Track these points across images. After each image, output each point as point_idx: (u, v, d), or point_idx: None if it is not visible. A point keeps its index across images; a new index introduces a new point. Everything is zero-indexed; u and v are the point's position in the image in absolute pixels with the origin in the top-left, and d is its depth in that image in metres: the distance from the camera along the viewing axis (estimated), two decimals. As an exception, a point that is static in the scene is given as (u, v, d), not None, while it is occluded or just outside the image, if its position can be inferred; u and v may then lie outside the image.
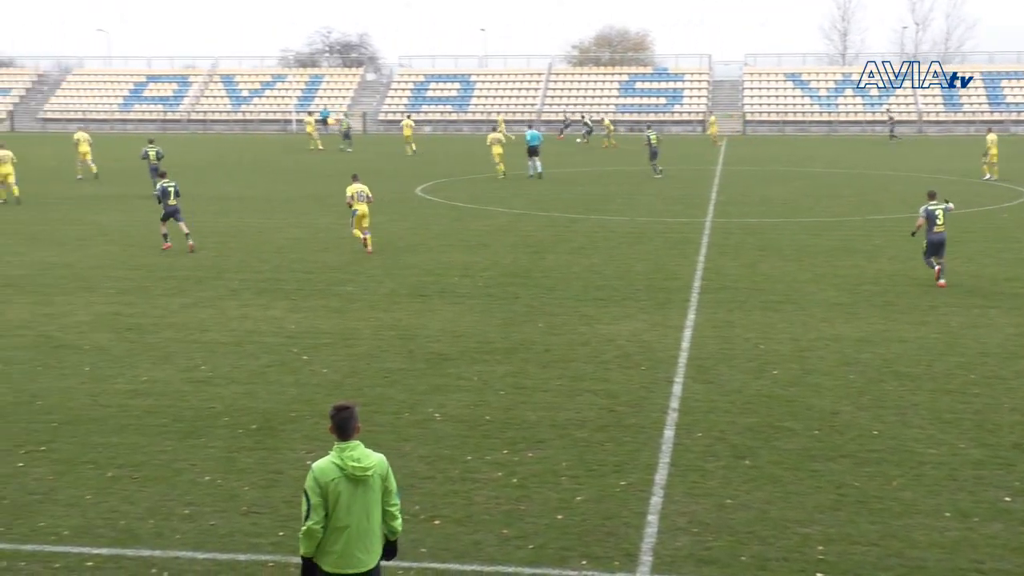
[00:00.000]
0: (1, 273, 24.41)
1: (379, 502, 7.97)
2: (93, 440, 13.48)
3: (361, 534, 7.85)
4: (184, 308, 20.86)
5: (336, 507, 7.75)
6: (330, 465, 7.79)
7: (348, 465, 7.77)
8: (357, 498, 7.81)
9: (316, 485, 7.74)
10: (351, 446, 7.85)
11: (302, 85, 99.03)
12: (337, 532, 7.79)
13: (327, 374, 16.38)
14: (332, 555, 7.84)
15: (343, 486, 7.76)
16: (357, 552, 7.85)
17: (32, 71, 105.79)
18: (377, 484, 7.93)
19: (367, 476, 7.84)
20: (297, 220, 33.48)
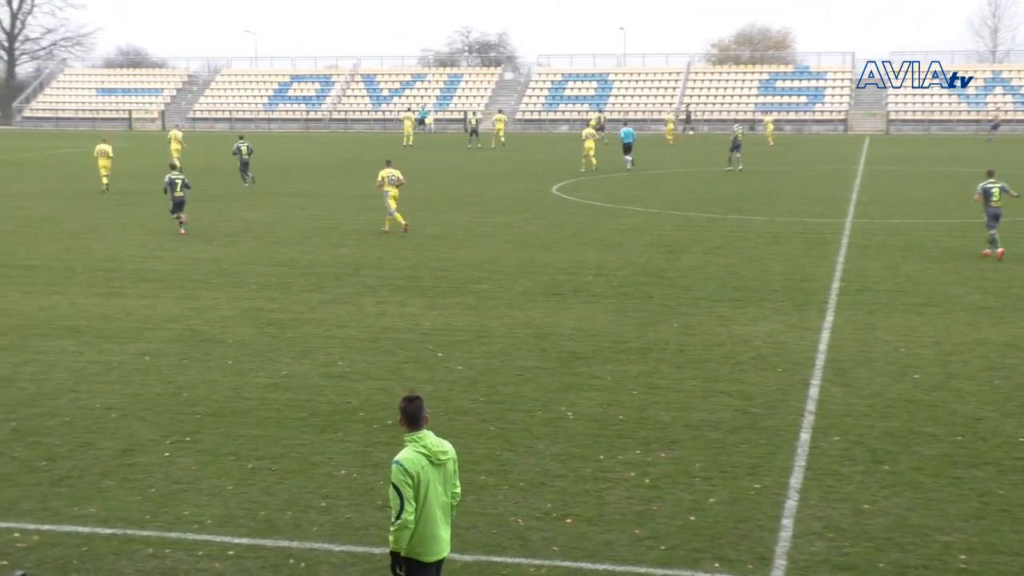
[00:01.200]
0: (151, 268, 25.25)
1: (451, 485, 8.30)
2: (235, 432, 13.84)
3: (444, 515, 8.22)
4: (323, 304, 21.28)
5: (427, 494, 8.05)
6: (415, 455, 8.04)
7: (432, 451, 8.08)
8: (439, 482, 8.15)
9: (407, 477, 7.97)
10: (425, 435, 8.13)
11: (441, 84, 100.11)
12: (429, 518, 8.07)
13: (462, 371, 16.52)
14: (428, 541, 8.09)
15: (429, 472, 8.06)
16: (442, 533, 8.18)
17: (183, 72, 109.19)
18: (451, 467, 8.26)
19: (448, 460, 8.19)
20: (435, 218, 33.84)
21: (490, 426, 13.97)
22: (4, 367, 16.79)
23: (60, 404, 14.99)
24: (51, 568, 10.05)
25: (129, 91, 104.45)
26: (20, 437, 13.62)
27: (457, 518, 11.02)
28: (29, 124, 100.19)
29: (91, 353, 17.65)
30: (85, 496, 11.75)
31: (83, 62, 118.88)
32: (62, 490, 11.94)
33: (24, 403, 15.02)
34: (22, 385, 15.87)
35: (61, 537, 10.74)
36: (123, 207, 37.01)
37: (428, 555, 8.13)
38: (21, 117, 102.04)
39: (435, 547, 8.15)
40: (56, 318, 20.15)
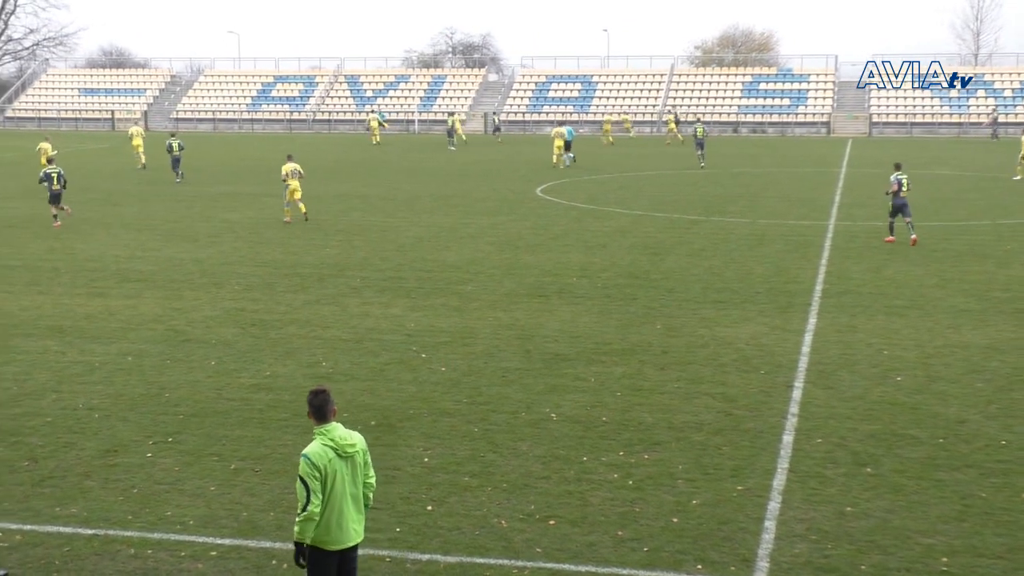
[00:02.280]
0: (135, 268, 25.18)
1: (361, 475, 8.52)
2: (218, 432, 13.82)
3: (354, 506, 8.43)
4: (307, 305, 21.25)
5: (333, 486, 8.26)
6: (322, 448, 8.28)
7: (339, 444, 8.31)
8: (348, 473, 8.36)
9: (314, 469, 8.19)
10: (333, 427, 8.37)
11: (425, 86, 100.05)
12: (334, 509, 8.29)
13: (445, 372, 16.53)
14: (333, 530, 8.32)
15: (337, 465, 8.28)
16: (353, 524, 8.42)
17: (166, 72, 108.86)
18: (360, 459, 8.49)
19: (355, 452, 8.42)
20: (418, 219, 33.83)
21: (474, 427, 13.98)
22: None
23: (42, 404, 14.94)
24: (33, 568, 10.02)
25: (112, 91, 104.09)
26: (2, 437, 13.56)
27: (440, 519, 11.09)
28: (11, 124, 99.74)
29: (74, 353, 17.60)
30: (67, 496, 11.72)
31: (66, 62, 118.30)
32: (44, 490, 11.90)
33: (6, 403, 14.96)
34: (4, 385, 15.81)
35: (43, 537, 10.70)
36: (107, 207, 36.89)
37: (331, 543, 8.35)
38: (3, 117, 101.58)
39: (340, 536, 8.36)
40: (39, 318, 20.08)
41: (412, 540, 10.67)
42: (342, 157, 61.94)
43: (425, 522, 11.08)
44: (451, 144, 69.33)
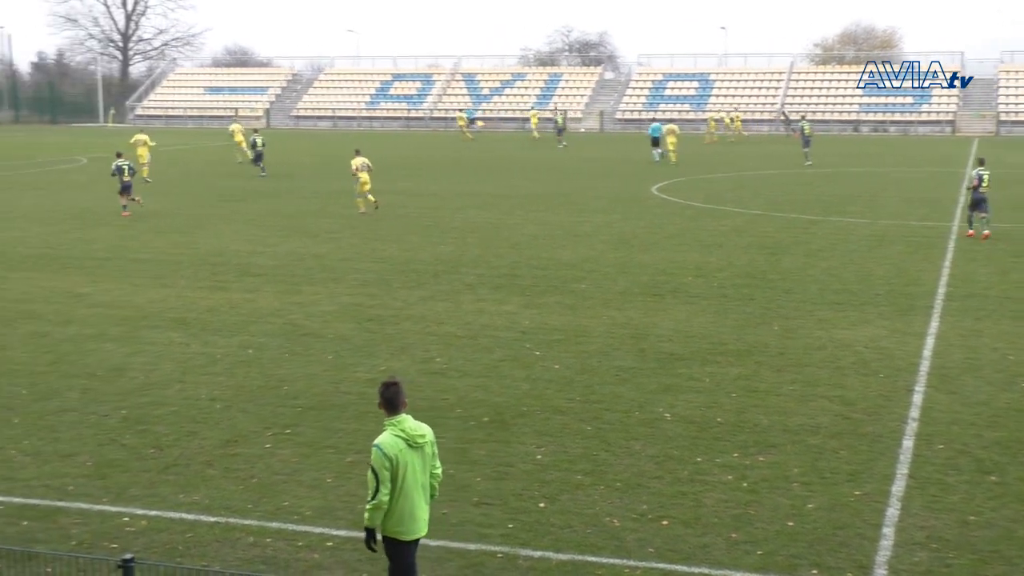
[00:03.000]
0: (255, 263, 25.72)
1: (430, 466, 8.66)
2: (334, 425, 14.05)
3: (423, 496, 8.60)
4: (422, 301, 21.47)
5: (404, 476, 8.40)
6: (393, 438, 8.42)
7: (410, 435, 8.46)
8: (418, 464, 8.51)
9: (385, 459, 8.35)
10: (403, 419, 8.50)
11: (541, 83, 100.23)
12: (408, 499, 8.44)
13: (559, 370, 16.55)
14: (407, 521, 8.48)
15: (408, 455, 8.43)
16: (420, 514, 8.57)
17: (287, 71, 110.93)
18: (429, 449, 8.62)
19: (425, 443, 8.55)
20: (535, 216, 33.92)
21: (587, 426, 13.98)
22: (116, 357, 17.26)
23: (168, 394, 15.36)
24: (158, 552, 10.31)
25: (235, 90, 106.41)
26: (130, 425, 13.99)
27: (552, 516, 11.12)
28: (141, 122, 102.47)
29: (197, 345, 18.05)
30: (191, 484, 12.03)
31: (192, 61, 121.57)
32: (169, 477, 12.24)
33: (134, 392, 15.42)
34: (132, 375, 16.30)
35: (168, 523, 11.01)
36: (229, 203, 37.73)
37: (406, 534, 8.53)
38: (133, 115, 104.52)
39: (413, 526, 8.53)
40: (164, 310, 20.64)
41: (524, 537, 10.72)
42: (458, 155, 62.38)
43: (537, 519, 11.12)
44: (560, 142, 69.17)
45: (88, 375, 16.28)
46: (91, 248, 27.87)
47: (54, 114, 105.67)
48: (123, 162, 34.52)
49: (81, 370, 16.55)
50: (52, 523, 11.03)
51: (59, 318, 19.94)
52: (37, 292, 22.24)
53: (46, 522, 11.05)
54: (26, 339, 18.42)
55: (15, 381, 15.96)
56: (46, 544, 10.45)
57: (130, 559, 6.79)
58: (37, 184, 44.10)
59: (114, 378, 16.13)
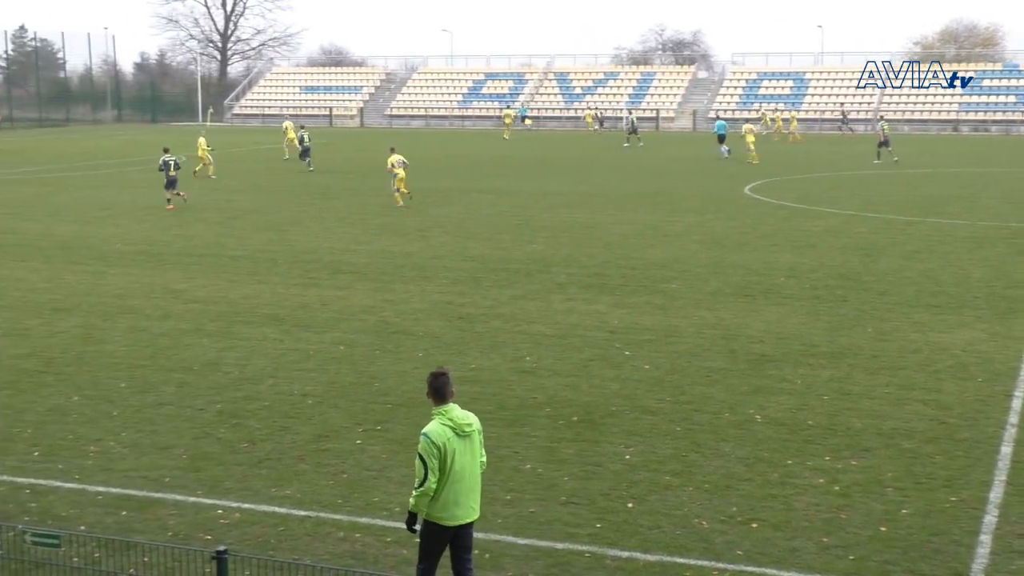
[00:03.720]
0: (347, 261, 26.00)
1: (478, 454, 8.83)
2: (424, 422, 14.08)
3: (472, 483, 8.77)
4: (512, 300, 21.52)
5: (452, 464, 8.58)
6: (441, 427, 8.63)
7: (457, 423, 8.67)
8: (465, 452, 8.69)
9: (433, 447, 8.54)
10: (450, 408, 8.74)
11: (634, 83, 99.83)
12: (453, 486, 8.62)
13: (648, 370, 16.48)
14: (451, 507, 8.65)
15: (455, 443, 8.61)
16: (471, 502, 8.77)
17: (381, 70, 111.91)
18: (476, 438, 8.81)
19: (472, 431, 8.76)
20: (625, 216, 33.81)
21: (676, 426, 13.90)
22: (211, 352, 17.58)
23: (261, 389, 15.60)
24: (251, 545, 10.48)
25: (330, 89, 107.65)
26: (224, 419, 14.25)
27: (640, 517, 11.08)
28: (238, 121, 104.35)
29: (290, 341, 18.30)
30: (282, 478, 12.21)
31: (289, 61, 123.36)
32: (261, 471, 12.43)
33: (228, 387, 15.69)
34: (227, 370, 16.59)
35: (260, 516, 11.18)
36: (323, 201, 38.19)
37: (448, 520, 8.70)
38: (231, 114, 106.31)
39: (457, 512, 8.70)
40: (258, 306, 20.96)
41: (612, 537, 10.69)
42: (549, 154, 62.41)
43: (625, 519, 11.08)
44: (628, 141, 69.15)
45: (184, 369, 16.61)
46: (188, 245, 28.42)
47: (154, 113, 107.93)
48: (169, 157, 36.08)
49: (177, 364, 16.89)
50: (149, 514, 11.28)
51: (157, 313, 20.37)
52: (136, 288, 22.74)
53: (143, 512, 11.30)
54: (125, 333, 18.85)
55: (115, 374, 16.35)
56: (143, 534, 10.69)
57: (223, 551, 6.91)
58: (137, 182, 45.08)
59: (209, 372, 16.43)
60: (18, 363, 16.65)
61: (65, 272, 24.49)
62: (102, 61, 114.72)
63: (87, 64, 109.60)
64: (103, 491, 11.87)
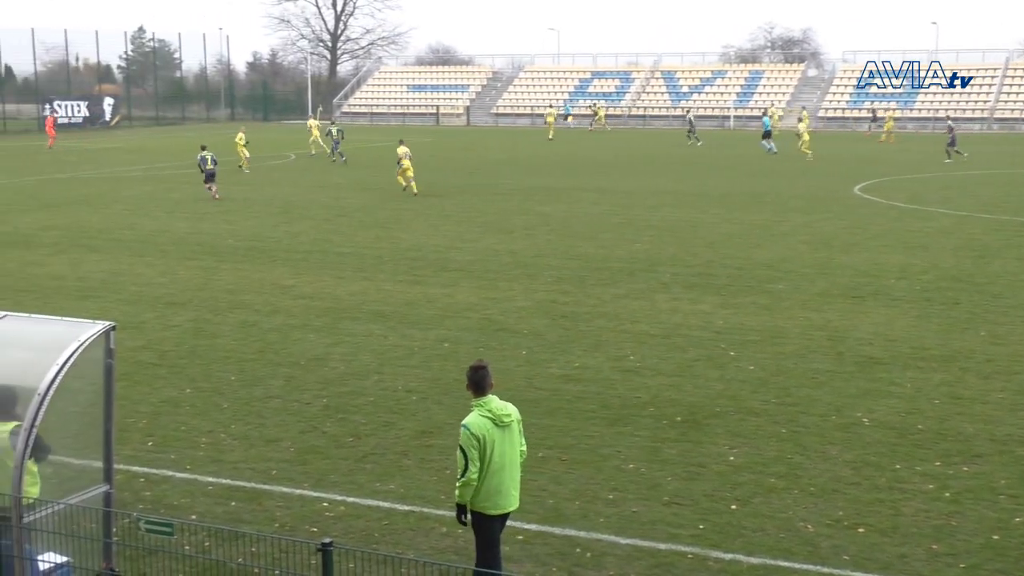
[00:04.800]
0: (452, 259, 26.18)
1: (517, 444, 9.11)
2: (527, 420, 14.06)
3: (513, 473, 9.02)
4: (616, 299, 21.46)
5: (492, 453, 8.84)
6: (480, 418, 8.90)
7: (496, 414, 8.91)
8: (505, 442, 8.95)
9: (473, 439, 8.80)
10: (489, 399, 9.00)
11: (741, 81, 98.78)
12: (495, 476, 8.89)
13: (753, 371, 16.31)
14: (494, 497, 8.93)
15: (495, 434, 8.87)
16: (512, 490, 9.04)
17: (488, 69, 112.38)
18: (515, 428, 9.08)
19: (511, 422, 9.01)
20: (730, 215, 33.48)
21: (781, 428, 13.73)
22: (318, 347, 17.86)
23: (366, 384, 15.80)
24: (355, 538, 10.63)
25: (437, 87, 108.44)
26: (331, 413, 14.46)
27: (744, 519, 10.98)
28: (347, 119, 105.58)
29: (395, 337, 18.49)
30: (386, 473, 12.35)
31: (397, 60, 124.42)
32: (366, 466, 12.59)
33: (335, 382, 15.92)
34: (333, 365, 16.84)
35: (364, 510, 11.33)
36: (428, 199, 38.49)
37: (493, 509, 8.97)
38: (340, 113, 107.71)
39: (500, 502, 8.98)
40: (364, 303, 21.23)
41: (714, 538, 10.61)
42: (656, 153, 62.08)
43: (728, 521, 10.99)
44: (692, 139, 68.65)
45: (292, 364, 16.89)
46: (296, 241, 28.89)
47: (266, 112, 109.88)
48: (206, 154, 38.40)
49: (285, 359, 17.19)
50: (257, 505, 11.51)
51: (266, 308, 20.75)
52: (246, 283, 23.19)
53: (251, 503, 11.54)
54: (236, 328, 19.24)
55: (225, 367, 16.70)
56: (251, 525, 10.91)
57: (329, 543, 7.01)
58: (248, 179, 45.93)
59: (316, 367, 16.69)
60: (134, 355, 17.12)
61: (179, 267, 25.09)
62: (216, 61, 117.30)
63: (202, 64, 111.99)
64: (213, 481, 12.15)
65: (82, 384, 9.48)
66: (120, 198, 38.60)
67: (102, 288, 22.78)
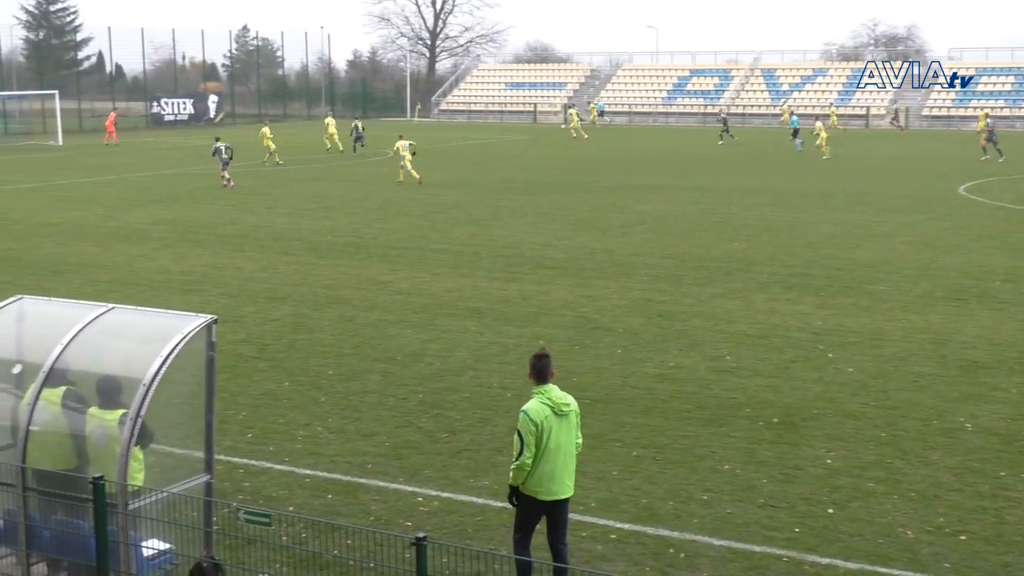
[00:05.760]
0: (548, 256, 26.20)
1: (574, 435, 9.29)
2: (621, 419, 14.14)
3: (567, 461, 9.21)
4: (713, 298, 21.29)
5: (548, 440, 9.05)
6: (540, 405, 9.13)
7: (556, 403, 9.15)
8: (562, 431, 9.16)
9: (531, 424, 9.03)
10: (550, 388, 9.23)
11: (843, 79, 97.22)
12: (550, 462, 9.08)
13: (852, 374, 16.05)
14: (547, 483, 9.13)
15: (552, 422, 9.09)
16: (566, 479, 9.23)
17: (586, 67, 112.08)
18: (573, 418, 9.27)
19: (570, 411, 9.22)
20: (831, 215, 32.99)
21: (880, 432, 13.50)
22: (414, 343, 18.00)
23: (461, 380, 15.88)
24: (449, 533, 10.71)
25: (535, 85, 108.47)
26: (426, 409, 14.58)
27: (841, 523, 10.83)
28: (444, 117, 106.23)
29: (490, 334, 18.57)
30: (480, 469, 12.41)
31: (495, 58, 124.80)
32: (460, 462, 12.66)
33: (430, 377, 16.04)
34: (429, 361, 16.96)
35: (458, 505, 11.40)
36: (524, 196, 38.55)
37: (545, 494, 9.18)
38: (438, 110, 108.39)
39: (553, 488, 9.17)
40: (460, 299, 21.34)
41: (811, 542, 10.47)
42: (754, 152, 61.38)
43: (825, 525, 10.84)
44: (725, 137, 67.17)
45: (388, 359, 17.06)
46: (393, 238, 29.14)
47: (365, 109, 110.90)
48: (220, 144, 42.02)
49: (382, 354, 17.36)
50: (352, 498, 11.64)
51: (364, 304, 20.98)
52: (344, 279, 23.47)
53: (347, 497, 11.68)
54: (334, 323, 19.48)
55: (323, 362, 16.92)
56: (347, 517, 11.05)
57: (423, 538, 7.06)
58: (347, 176, 46.47)
59: (412, 363, 16.83)
60: (235, 348, 17.43)
61: (279, 262, 25.48)
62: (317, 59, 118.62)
63: (303, 62, 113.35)
64: (310, 474, 12.32)
65: (184, 376, 9.68)
66: (223, 194, 39.31)
67: (205, 282, 23.25)
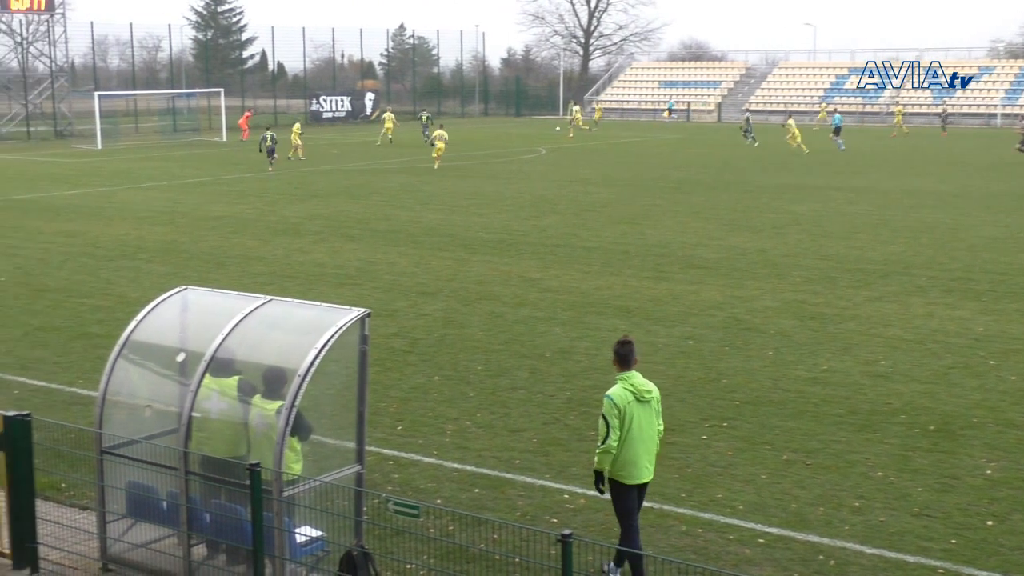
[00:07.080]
0: (699, 256, 25.96)
1: (655, 421, 9.51)
2: (772, 422, 13.94)
3: (648, 446, 9.46)
4: (868, 301, 20.80)
5: (631, 426, 9.29)
6: (623, 391, 9.35)
7: (639, 389, 9.37)
8: (643, 416, 9.38)
9: (615, 409, 9.25)
10: (633, 375, 9.44)
11: (1011, 78, 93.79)
12: (632, 447, 9.31)
13: (1015, 382, 15.50)
14: (629, 467, 9.35)
15: (635, 407, 9.32)
16: (647, 463, 9.47)
17: (741, 65, 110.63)
18: (655, 405, 9.50)
19: (652, 398, 9.45)
20: (995, 218, 31.88)
21: (1045, 444, 13.01)
22: (563, 340, 18.05)
23: (609, 379, 15.78)
24: (594, 531, 10.72)
25: (689, 83, 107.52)
26: (573, 407, 14.61)
27: (1001, 536, 10.55)
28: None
29: (639, 333, 18.46)
30: (627, 468, 12.35)
31: (649, 56, 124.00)
32: (607, 460, 12.62)
33: (578, 375, 16.07)
34: (577, 358, 16.99)
35: (604, 504, 11.29)
36: (676, 195, 38.28)
37: (629, 478, 9.40)
38: (591, 108, 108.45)
39: (635, 472, 9.40)
40: (609, 298, 21.31)
41: (968, 555, 10.16)
42: (915, 152, 59.73)
43: (984, 537, 10.51)
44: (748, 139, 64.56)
45: (537, 356, 17.14)
46: (544, 235, 29.25)
47: (518, 107, 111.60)
48: (267, 133, 48.35)
49: (531, 351, 17.45)
50: (499, 493, 11.75)
51: (514, 300, 21.12)
52: (495, 275, 23.66)
53: (494, 491, 11.79)
54: (484, 319, 19.67)
55: (473, 357, 17.10)
56: (494, 512, 11.15)
57: (569, 534, 7.08)
58: (500, 173, 46.83)
59: (560, 360, 16.88)
60: (387, 342, 17.75)
61: (431, 258, 25.83)
62: (472, 57, 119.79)
63: (458, 60, 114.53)
64: (458, 468, 12.47)
65: (338, 368, 9.91)
66: (377, 189, 40.05)
67: (359, 276, 23.72)
